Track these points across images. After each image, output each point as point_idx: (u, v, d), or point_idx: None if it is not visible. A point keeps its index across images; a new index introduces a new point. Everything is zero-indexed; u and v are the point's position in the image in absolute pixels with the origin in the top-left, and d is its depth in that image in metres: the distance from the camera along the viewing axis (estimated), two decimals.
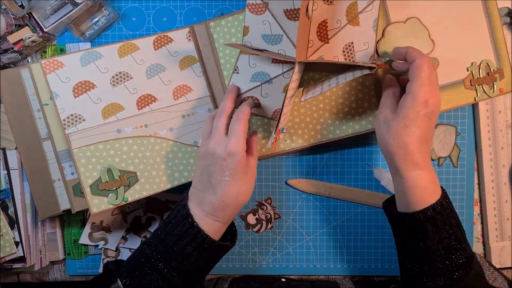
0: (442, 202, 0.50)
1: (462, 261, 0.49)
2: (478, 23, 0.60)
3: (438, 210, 0.49)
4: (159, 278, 0.50)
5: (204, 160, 0.53)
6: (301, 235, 0.69)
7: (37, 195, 0.62)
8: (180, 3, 0.66)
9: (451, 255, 0.49)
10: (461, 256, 0.49)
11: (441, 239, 0.49)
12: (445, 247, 0.49)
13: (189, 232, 0.51)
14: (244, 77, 0.61)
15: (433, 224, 0.49)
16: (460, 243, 0.50)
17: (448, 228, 0.49)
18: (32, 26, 0.62)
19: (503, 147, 0.66)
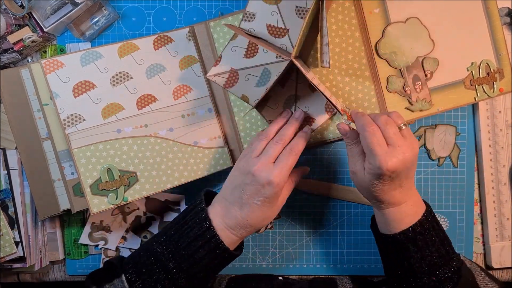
0: (422, 222, 0.50)
1: (448, 275, 0.50)
2: (478, 23, 0.60)
3: (418, 230, 0.50)
4: (166, 278, 0.50)
5: (243, 176, 0.52)
6: (301, 235, 0.69)
7: (37, 195, 0.62)
8: (180, 3, 0.66)
9: (436, 271, 0.50)
10: (447, 271, 0.50)
11: (423, 257, 0.50)
12: (428, 265, 0.50)
13: (205, 235, 0.51)
14: None
15: (413, 244, 0.50)
16: (443, 259, 0.50)
17: (430, 247, 0.50)
18: (32, 26, 0.62)
19: (503, 147, 0.66)
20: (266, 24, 0.59)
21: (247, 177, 0.51)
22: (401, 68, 0.60)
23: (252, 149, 0.54)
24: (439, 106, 0.61)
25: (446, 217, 0.68)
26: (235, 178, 0.53)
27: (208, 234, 0.51)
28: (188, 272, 0.50)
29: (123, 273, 0.51)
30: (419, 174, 0.67)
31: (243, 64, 0.60)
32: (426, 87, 0.61)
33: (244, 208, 0.52)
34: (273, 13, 0.59)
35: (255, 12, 0.59)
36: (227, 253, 0.52)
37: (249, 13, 0.60)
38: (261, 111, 0.60)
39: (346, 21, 0.60)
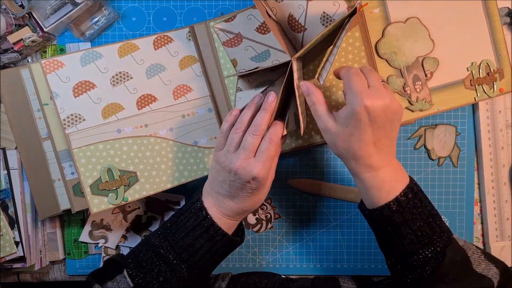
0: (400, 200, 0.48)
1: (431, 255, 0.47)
2: (478, 23, 0.60)
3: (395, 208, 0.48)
4: (167, 270, 0.51)
5: (226, 173, 0.52)
6: (301, 235, 0.69)
7: (37, 195, 0.62)
8: (180, 3, 0.66)
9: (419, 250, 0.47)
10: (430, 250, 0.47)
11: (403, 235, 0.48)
12: (410, 243, 0.48)
13: (202, 224, 0.51)
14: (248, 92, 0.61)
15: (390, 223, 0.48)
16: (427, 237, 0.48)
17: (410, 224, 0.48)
18: (32, 26, 0.62)
19: (503, 147, 0.66)
20: (290, 12, 0.59)
21: (230, 175, 0.51)
22: (401, 68, 0.60)
23: (229, 143, 0.53)
24: (439, 106, 0.61)
25: (446, 217, 0.68)
26: (218, 173, 0.53)
27: (206, 222, 0.51)
28: (188, 262, 0.51)
29: (125, 268, 0.52)
30: (419, 174, 0.67)
31: (251, 35, 0.60)
32: (426, 87, 0.61)
33: (235, 199, 0.52)
34: (299, 6, 0.58)
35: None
36: (226, 239, 0.52)
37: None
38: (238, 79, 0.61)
39: None
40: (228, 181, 0.52)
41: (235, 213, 0.53)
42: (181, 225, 0.52)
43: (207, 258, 0.52)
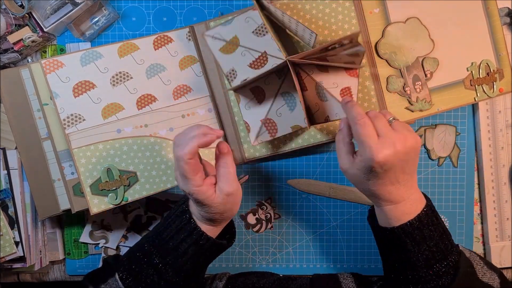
0: (421, 217, 0.49)
1: (445, 270, 0.49)
2: (478, 23, 0.60)
3: (416, 225, 0.49)
4: (154, 273, 0.50)
5: None
6: (301, 235, 0.69)
7: (37, 195, 0.62)
8: (180, 3, 0.66)
9: (433, 265, 0.49)
10: (444, 265, 0.49)
11: (421, 251, 0.49)
12: (426, 259, 0.49)
13: (186, 228, 0.51)
14: None
15: (411, 239, 0.49)
16: (442, 254, 0.49)
17: (428, 241, 0.49)
18: (32, 26, 0.62)
19: (503, 147, 0.66)
20: (248, 64, 0.59)
21: None
22: (401, 68, 0.60)
23: None
24: (439, 106, 0.61)
25: (446, 217, 0.68)
26: None
27: (189, 226, 0.51)
28: (174, 266, 0.51)
29: (116, 272, 0.52)
30: (419, 174, 0.67)
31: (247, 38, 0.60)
32: (426, 87, 0.61)
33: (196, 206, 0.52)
34: (243, 53, 0.60)
35: (232, 67, 0.60)
36: (210, 243, 0.51)
37: (229, 72, 0.61)
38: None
39: (346, 21, 0.60)
40: None
41: (204, 218, 0.51)
42: (167, 227, 0.52)
43: (193, 261, 0.52)
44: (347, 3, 0.59)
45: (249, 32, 0.60)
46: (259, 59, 0.60)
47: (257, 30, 0.60)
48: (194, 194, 0.49)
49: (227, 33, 0.60)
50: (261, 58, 0.60)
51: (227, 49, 0.60)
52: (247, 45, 0.60)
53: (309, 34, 0.56)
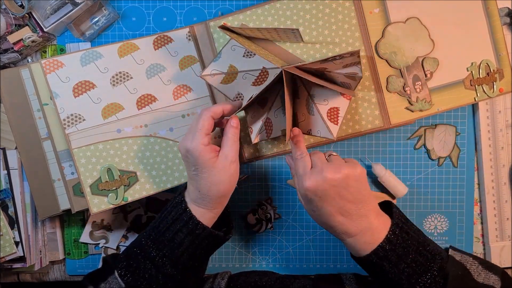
0: (390, 238, 0.49)
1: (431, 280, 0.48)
2: (478, 23, 0.60)
3: (388, 248, 0.49)
4: (152, 267, 0.51)
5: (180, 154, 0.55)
6: (301, 235, 0.69)
7: (37, 195, 0.62)
8: (180, 3, 0.66)
9: (418, 279, 0.49)
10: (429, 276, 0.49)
11: (400, 271, 0.49)
12: (408, 276, 0.49)
13: (181, 217, 0.52)
14: None
15: (388, 261, 0.49)
16: (423, 266, 0.49)
17: (405, 259, 0.49)
18: (32, 26, 0.63)
19: (503, 147, 0.66)
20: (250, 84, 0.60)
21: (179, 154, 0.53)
22: (401, 68, 0.61)
23: None
24: (439, 106, 0.61)
25: (446, 217, 0.68)
26: None
27: (185, 216, 0.51)
28: (171, 258, 0.51)
29: (115, 269, 0.52)
30: (419, 174, 0.67)
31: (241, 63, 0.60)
32: (426, 87, 0.61)
33: (192, 181, 0.53)
34: (244, 76, 0.60)
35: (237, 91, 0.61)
36: (206, 232, 0.52)
37: (235, 97, 0.61)
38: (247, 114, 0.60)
39: (346, 21, 0.60)
40: (183, 162, 0.54)
41: (200, 197, 0.52)
42: (163, 219, 0.53)
43: (189, 252, 0.52)
44: (347, 3, 0.59)
45: (240, 57, 0.60)
46: (260, 76, 0.60)
47: (246, 53, 0.60)
48: (199, 151, 0.50)
49: (221, 66, 0.60)
50: (262, 74, 0.60)
51: (228, 80, 0.60)
52: (245, 69, 0.60)
53: (291, 32, 0.56)
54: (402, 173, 0.67)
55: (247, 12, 0.61)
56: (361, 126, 0.61)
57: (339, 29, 0.60)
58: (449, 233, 0.68)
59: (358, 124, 0.61)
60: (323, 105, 0.58)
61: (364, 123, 0.61)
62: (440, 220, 0.68)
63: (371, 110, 0.61)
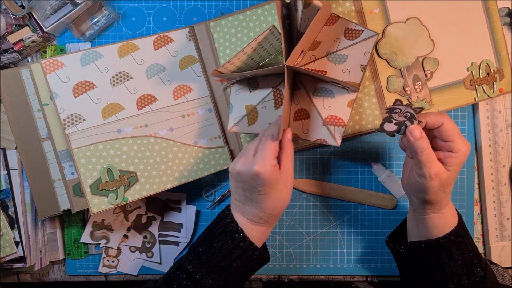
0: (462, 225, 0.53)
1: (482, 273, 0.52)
2: (478, 23, 0.60)
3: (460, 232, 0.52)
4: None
5: (233, 178, 0.53)
6: (301, 235, 0.69)
7: (37, 195, 0.62)
8: (180, 3, 0.66)
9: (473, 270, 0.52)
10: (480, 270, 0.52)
11: (464, 258, 0.52)
12: (468, 265, 0.52)
13: (240, 246, 0.51)
14: None
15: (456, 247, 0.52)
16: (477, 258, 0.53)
17: (469, 247, 0.52)
18: (32, 26, 0.62)
19: (503, 147, 0.66)
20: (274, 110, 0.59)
21: (237, 178, 0.52)
22: (401, 68, 0.61)
23: None
24: (439, 106, 0.61)
25: None
26: (231, 182, 0.54)
27: (244, 244, 0.51)
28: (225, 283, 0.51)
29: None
30: None
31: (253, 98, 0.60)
32: (426, 87, 0.61)
33: (253, 202, 0.52)
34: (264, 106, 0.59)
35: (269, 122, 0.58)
36: (263, 258, 0.54)
37: None
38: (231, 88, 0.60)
39: None
40: (239, 185, 0.52)
41: (260, 217, 0.52)
42: (216, 249, 0.52)
43: (241, 277, 0.53)
44: (347, 3, 0.59)
45: (248, 95, 0.59)
46: (276, 97, 0.59)
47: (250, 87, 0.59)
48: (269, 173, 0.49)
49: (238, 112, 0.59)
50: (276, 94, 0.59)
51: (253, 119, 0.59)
52: (259, 100, 0.59)
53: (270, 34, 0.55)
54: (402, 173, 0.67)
55: (247, 12, 0.61)
56: (361, 126, 0.61)
57: None
58: None
59: (358, 124, 0.61)
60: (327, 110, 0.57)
61: (364, 123, 0.61)
62: None
63: (371, 110, 0.61)
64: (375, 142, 0.67)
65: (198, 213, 0.68)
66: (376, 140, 0.67)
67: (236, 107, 0.59)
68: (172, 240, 0.68)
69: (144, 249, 0.68)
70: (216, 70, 0.55)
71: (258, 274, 0.69)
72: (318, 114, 0.57)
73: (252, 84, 0.59)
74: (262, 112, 0.59)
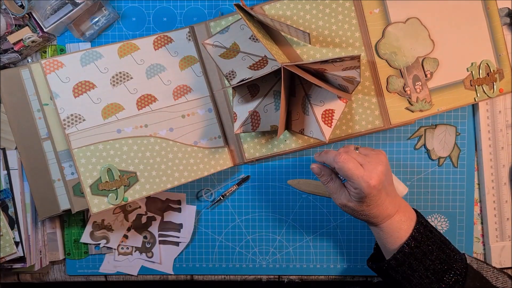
0: (415, 235, 0.52)
1: (455, 278, 0.51)
2: (478, 23, 0.60)
3: (413, 244, 0.52)
4: None
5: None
6: (301, 235, 0.69)
7: (37, 195, 0.62)
8: (180, 3, 0.66)
9: (442, 277, 0.51)
10: (452, 273, 0.51)
11: (426, 268, 0.52)
12: (433, 273, 0.52)
13: None
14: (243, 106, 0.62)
15: (414, 258, 0.52)
16: (446, 264, 0.52)
17: (429, 256, 0.52)
18: (32, 26, 0.62)
19: (503, 147, 0.66)
20: (247, 67, 0.60)
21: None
22: (401, 68, 0.61)
23: None
24: (439, 106, 0.61)
25: (446, 217, 0.68)
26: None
27: None
28: None
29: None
30: (419, 174, 0.67)
31: (245, 44, 0.60)
32: (426, 87, 0.61)
33: None
34: (244, 58, 0.60)
35: (231, 69, 0.61)
36: None
37: (228, 73, 0.61)
38: (291, 128, 0.61)
39: (346, 21, 0.60)
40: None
41: None
42: None
43: None
44: (347, 3, 0.59)
45: (246, 39, 0.60)
46: (259, 62, 0.60)
47: (253, 36, 0.60)
48: None
49: (225, 40, 0.60)
50: (261, 61, 0.60)
51: (227, 55, 0.61)
52: (247, 51, 0.60)
53: (302, 34, 0.56)
54: (402, 173, 0.67)
55: None
56: (361, 126, 0.61)
57: (339, 29, 0.60)
58: (449, 233, 0.68)
59: (358, 124, 0.61)
60: (318, 106, 0.58)
61: (364, 123, 0.61)
62: (440, 220, 0.68)
63: (371, 111, 0.61)
64: (375, 142, 0.67)
65: (198, 213, 0.68)
66: (376, 140, 0.67)
67: (228, 35, 0.61)
68: (172, 240, 0.68)
69: (144, 249, 0.68)
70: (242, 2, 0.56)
71: (258, 274, 0.69)
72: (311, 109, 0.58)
73: (253, 91, 0.60)
74: (238, 60, 0.61)
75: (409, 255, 0.52)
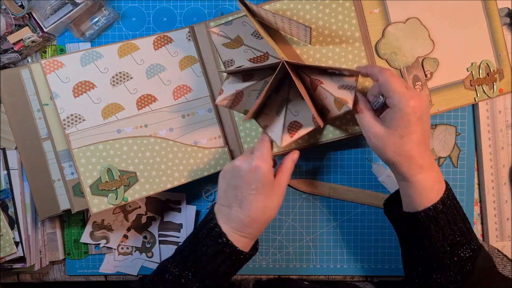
0: (444, 200, 0.49)
1: (469, 255, 0.49)
2: (478, 23, 0.60)
3: (440, 209, 0.49)
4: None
5: (229, 175, 0.53)
6: (301, 235, 0.69)
7: (37, 195, 0.62)
8: (180, 3, 0.66)
9: (458, 250, 0.49)
10: (468, 250, 0.49)
11: (445, 236, 0.49)
12: (450, 244, 0.49)
13: (224, 251, 0.51)
14: None
15: (435, 223, 0.49)
16: (465, 237, 0.50)
17: (452, 225, 0.49)
18: (32, 26, 0.62)
19: (503, 147, 0.66)
20: (248, 59, 0.60)
21: (233, 173, 0.52)
22: (401, 68, 0.61)
23: None
24: (439, 106, 0.61)
25: None
26: (222, 182, 0.54)
27: (227, 249, 0.51)
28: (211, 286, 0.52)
29: None
30: None
31: (248, 40, 0.61)
32: (426, 87, 0.61)
33: (243, 204, 0.51)
34: (246, 51, 0.60)
35: (231, 57, 0.61)
36: (245, 258, 0.53)
37: (227, 61, 0.61)
38: (257, 118, 0.60)
39: (346, 21, 0.60)
40: (232, 183, 0.52)
41: (244, 225, 0.51)
42: (201, 253, 0.52)
43: (227, 277, 0.53)
44: (347, 3, 0.59)
45: (248, 34, 0.60)
46: (260, 57, 0.60)
47: (255, 33, 0.60)
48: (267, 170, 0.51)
49: (230, 31, 0.61)
50: (263, 56, 0.60)
51: (231, 45, 0.61)
52: (250, 45, 0.60)
53: (304, 29, 0.55)
54: None
55: None
56: None
57: (339, 29, 0.60)
58: None
59: None
60: (292, 114, 0.58)
61: None
62: None
63: None
64: None
65: (198, 213, 0.68)
66: None
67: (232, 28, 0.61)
68: (172, 240, 0.68)
69: (144, 249, 0.68)
70: None
71: (258, 274, 0.69)
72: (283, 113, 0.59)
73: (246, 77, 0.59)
74: (240, 52, 0.61)
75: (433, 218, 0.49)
